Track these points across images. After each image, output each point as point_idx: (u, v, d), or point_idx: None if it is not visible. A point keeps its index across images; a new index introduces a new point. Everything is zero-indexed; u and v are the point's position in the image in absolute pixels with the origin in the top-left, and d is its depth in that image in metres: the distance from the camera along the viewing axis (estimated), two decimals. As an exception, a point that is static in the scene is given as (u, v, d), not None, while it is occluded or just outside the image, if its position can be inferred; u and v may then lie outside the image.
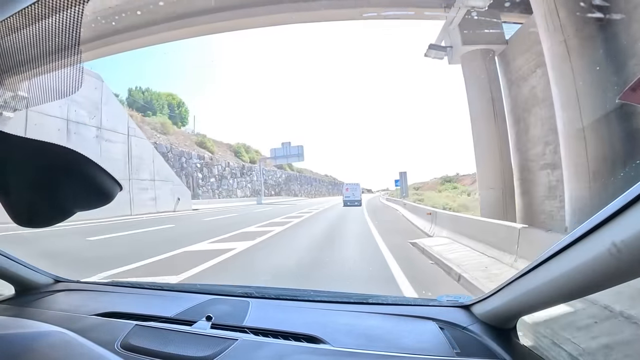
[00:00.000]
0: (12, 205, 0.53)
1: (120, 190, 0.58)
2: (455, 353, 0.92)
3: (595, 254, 0.61)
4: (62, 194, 0.55)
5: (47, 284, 1.52)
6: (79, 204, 0.58)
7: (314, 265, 5.54)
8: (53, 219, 0.57)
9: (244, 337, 1.01)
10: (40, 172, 0.52)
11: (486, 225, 5.87)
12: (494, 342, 0.96)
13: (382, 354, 0.92)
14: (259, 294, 1.46)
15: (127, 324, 1.08)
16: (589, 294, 0.76)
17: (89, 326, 1.08)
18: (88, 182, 0.54)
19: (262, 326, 1.08)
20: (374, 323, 1.12)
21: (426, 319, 1.13)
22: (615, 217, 0.58)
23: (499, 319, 1.05)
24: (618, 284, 0.63)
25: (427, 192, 37.77)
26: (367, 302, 1.34)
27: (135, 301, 1.42)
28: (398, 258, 5.65)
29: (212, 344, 0.96)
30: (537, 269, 0.81)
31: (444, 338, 1.00)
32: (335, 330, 1.05)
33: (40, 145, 0.51)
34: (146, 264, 5.52)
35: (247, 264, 5.72)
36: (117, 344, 0.96)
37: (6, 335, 0.73)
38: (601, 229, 0.61)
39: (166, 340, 0.99)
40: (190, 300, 1.31)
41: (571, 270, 0.68)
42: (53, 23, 0.52)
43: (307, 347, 0.96)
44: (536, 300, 0.88)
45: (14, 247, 4.26)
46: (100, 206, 0.58)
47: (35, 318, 1.07)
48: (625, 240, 0.55)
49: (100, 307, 1.24)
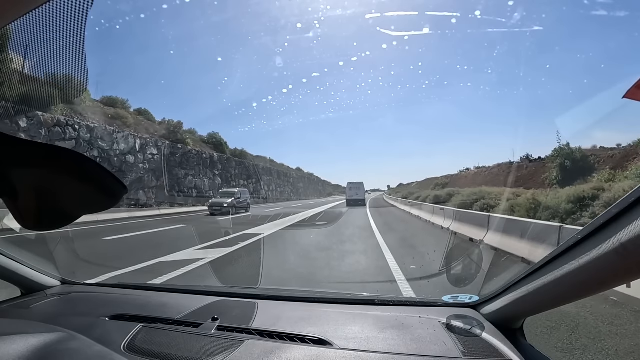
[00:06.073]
0: (18, 209, 0.54)
1: (126, 192, 0.59)
2: (462, 353, 0.92)
3: (602, 253, 0.60)
4: (68, 197, 0.55)
5: (53, 285, 1.53)
6: (85, 207, 0.58)
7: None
8: (59, 222, 0.58)
9: (250, 339, 1.01)
10: (46, 175, 0.53)
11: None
12: (501, 343, 0.95)
13: (388, 354, 0.91)
14: (265, 295, 1.46)
15: (133, 325, 1.08)
16: (594, 293, 0.75)
17: (94, 328, 1.08)
18: (94, 184, 0.55)
19: (268, 328, 1.08)
20: (380, 324, 1.11)
21: (432, 319, 1.13)
22: (621, 217, 0.58)
23: (505, 319, 1.04)
24: (624, 283, 0.63)
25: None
26: (373, 303, 1.34)
27: (141, 303, 1.43)
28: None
29: (218, 346, 0.96)
30: (543, 268, 0.80)
31: (450, 338, 0.99)
32: (341, 332, 1.05)
33: (46, 148, 0.52)
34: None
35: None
36: (123, 346, 0.97)
37: (12, 337, 0.74)
38: (607, 229, 0.60)
39: (172, 342, 0.99)
40: (196, 302, 1.32)
41: (577, 270, 0.67)
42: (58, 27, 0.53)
43: (313, 350, 0.96)
44: (542, 300, 0.87)
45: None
46: (107, 208, 0.58)
47: (41, 320, 1.08)
48: (633, 239, 0.54)
49: (106, 309, 1.24)
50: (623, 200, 0.57)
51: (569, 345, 2.57)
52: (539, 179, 19.61)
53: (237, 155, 34.13)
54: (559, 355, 2.42)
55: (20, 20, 0.52)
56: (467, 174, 32.28)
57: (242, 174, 33.51)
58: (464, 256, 5.01)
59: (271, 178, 40.42)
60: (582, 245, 0.66)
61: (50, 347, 0.74)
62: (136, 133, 21.87)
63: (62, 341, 0.78)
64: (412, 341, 0.99)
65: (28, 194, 0.53)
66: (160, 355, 0.92)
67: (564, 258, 0.72)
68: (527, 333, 1.07)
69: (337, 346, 0.97)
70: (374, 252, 6.29)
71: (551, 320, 2.88)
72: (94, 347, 0.80)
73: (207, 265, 5.40)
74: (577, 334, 2.75)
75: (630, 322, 3.06)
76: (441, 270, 4.53)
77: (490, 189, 16.30)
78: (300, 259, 6.03)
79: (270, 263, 5.60)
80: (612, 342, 2.67)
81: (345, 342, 0.99)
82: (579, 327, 2.88)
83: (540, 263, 0.81)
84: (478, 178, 26.97)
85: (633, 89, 0.96)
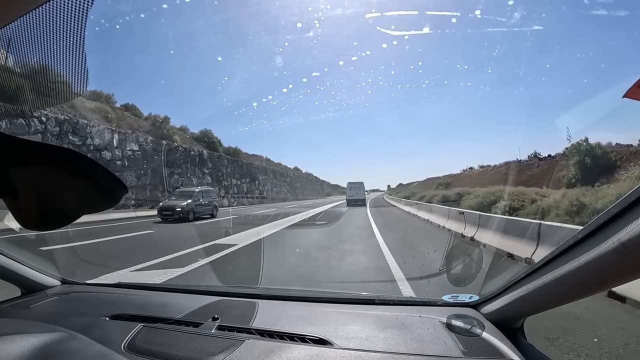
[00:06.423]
0: (18, 209, 0.54)
1: (126, 192, 0.59)
2: (462, 353, 0.92)
3: (602, 252, 0.60)
4: (68, 197, 0.55)
5: (53, 285, 1.53)
6: (85, 207, 0.58)
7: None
8: (60, 222, 0.58)
9: (250, 338, 1.01)
10: (46, 175, 0.53)
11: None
12: (501, 342, 0.95)
13: (388, 354, 0.91)
14: (265, 294, 1.46)
15: (133, 325, 1.08)
16: (594, 293, 0.75)
17: (94, 328, 1.08)
18: (94, 184, 0.55)
19: (269, 327, 1.08)
20: (380, 323, 1.11)
21: (432, 318, 1.13)
22: (621, 216, 0.58)
23: (505, 318, 1.04)
24: (624, 283, 0.63)
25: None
26: (374, 302, 1.34)
27: (141, 302, 1.43)
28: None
29: (218, 345, 0.96)
30: (543, 268, 0.80)
31: (450, 338, 0.99)
32: (341, 331, 1.05)
33: (45, 148, 0.52)
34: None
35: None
36: (123, 345, 0.97)
37: (13, 337, 0.74)
38: (607, 228, 0.60)
39: (172, 342, 0.99)
40: (196, 301, 1.32)
41: (577, 269, 0.67)
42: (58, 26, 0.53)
43: (313, 350, 0.96)
44: (542, 300, 0.87)
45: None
46: (107, 208, 0.58)
47: (41, 320, 1.08)
48: (633, 239, 0.54)
49: (106, 309, 1.24)
50: (623, 200, 0.57)
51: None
52: (553, 177, 18.53)
53: (230, 153, 32.27)
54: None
55: (20, 20, 0.52)
56: (470, 173, 31.76)
57: (235, 172, 31.69)
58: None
59: (267, 177, 38.89)
60: (582, 245, 0.66)
61: (51, 347, 0.74)
62: (114, 127, 19.93)
63: (62, 341, 0.78)
64: (413, 341, 0.99)
65: (28, 194, 0.53)
66: (160, 355, 0.92)
67: (564, 257, 0.72)
68: (527, 332, 1.07)
69: (338, 346, 0.97)
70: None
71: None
72: (94, 346, 0.80)
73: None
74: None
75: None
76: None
77: (509, 188, 15.03)
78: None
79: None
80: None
81: (346, 341, 0.99)
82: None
83: (540, 262, 0.81)
84: (483, 177, 26.36)
85: (633, 88, 0.97)
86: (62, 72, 0.58)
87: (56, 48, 0.56)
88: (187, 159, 25.10)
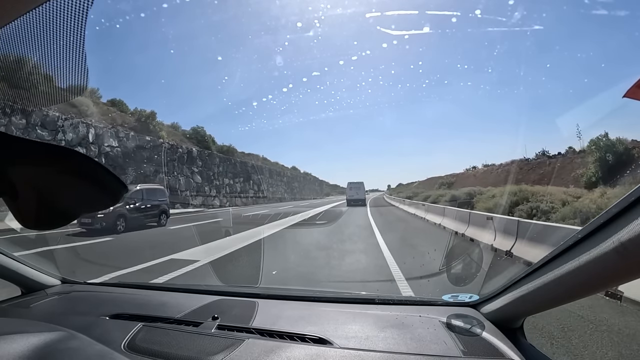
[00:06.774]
0: (18, 208, 0.54)
1: (126, 191, 0.59)
2: (462, 352, 0.92)
3: (602, 252, 0.60)
4: (68, 196, 0.55)
5: (53, 284, 1.53)
6: (86, 206, 0.58)
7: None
8: (60, 221, 0.58)
9: (250, 338, 1.01)
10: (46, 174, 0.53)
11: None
12: (501, 342, 0.95)
13: (388, 353, 0.91)
14: (265, 294, 1.46)
15: (133, 324, 1.09)
16: (594, 292, 0.75)
17: (95, 327, 1.08)
18: (94, 183, 0.55)
19: (269, 327, 1.08)
20: (380, 323, 1.11)
21: (432, 318, 1.13)
22: (621, 216, 0.58)
23: (505, 318, 1.04)
24: (624, 283, 0.63)
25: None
26: (373, 302, 1.34)
27: (141, 302, 1.43)
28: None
29: (218, 345, 0.96)
30: (542, 268, 0.80)
31: (450, 337, 0.99)
32: (341, 331, 1.05)
33: (45, 147, 0.52)
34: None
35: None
36: (123, 345, 0.97)
37: (13, 336, 0.74)
38: (607, 228, 0.60)
39: (172, 341, 0.99)
40: (196, 301, 1.32)
41: (577, 269, 0.67)
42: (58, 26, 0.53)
43: (313, 349, 0.96)
44: (542, 300, 0.87)
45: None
46: (107, 207, 0.59)
47: (41, 319, 1.08)
48: (633, 239, 0.54)
49: (107, 308, 1.25)
50: (623, 200, 0.57)
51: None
52: (569, 176, 17.30)
53: (223, 151, 30.19)
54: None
55: (20, 20, 0.52)
56: (474, 172, 31.10)
57: (228, 171, 29.69)
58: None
59: (262, 177, 36.99)
60: (582, 245, 0.66)
61: (51, 346, 0.75)
62: (90, 121, 17.79)
63: (62, 340, 0.78)
64: (412, 340, 0.99)
65: (28, 193, 0.53)
66: (160, 354, 0.92)
67: (564, 257, 0.72)
68: (527, 332, 1.07)
69: (337, 345, 0.97)
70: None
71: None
72: (94, 346, 0.80)
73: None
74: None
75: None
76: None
77: (532, 188, 13.64)
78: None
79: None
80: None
81: (346, 341, 0.99)
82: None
83: (540, 262, 0.81)
84: (488, 176, 25.82)
85: (633, 88, 0.97)
86: (62, 71, 0.58)
87: (56, 47, 0.56)
88: (174, 156, 23.52)
